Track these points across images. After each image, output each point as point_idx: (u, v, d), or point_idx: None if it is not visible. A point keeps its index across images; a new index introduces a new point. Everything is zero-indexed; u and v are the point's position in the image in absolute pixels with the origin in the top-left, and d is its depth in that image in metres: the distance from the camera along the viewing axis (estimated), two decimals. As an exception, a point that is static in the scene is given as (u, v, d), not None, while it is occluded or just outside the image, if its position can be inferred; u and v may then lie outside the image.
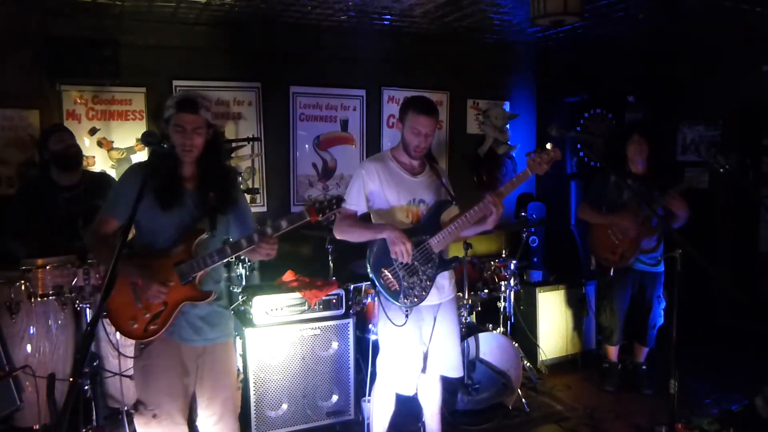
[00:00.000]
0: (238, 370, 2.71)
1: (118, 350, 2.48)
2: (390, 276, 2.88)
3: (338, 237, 3.01)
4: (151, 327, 2.35)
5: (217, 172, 2.50)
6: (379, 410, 3.18)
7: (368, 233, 2.91)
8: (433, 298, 2.98)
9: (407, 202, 2.98)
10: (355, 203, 2.97)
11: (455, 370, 3.14)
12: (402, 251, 2.79)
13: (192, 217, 2.41)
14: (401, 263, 2.85)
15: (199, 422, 2.56)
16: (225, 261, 2.44)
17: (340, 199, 2.43)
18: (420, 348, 3.03)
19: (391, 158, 3.04)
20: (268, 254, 2.42)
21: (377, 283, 2.90)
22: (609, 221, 4.12)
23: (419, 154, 2.96)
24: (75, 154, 3.69)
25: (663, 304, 4.26)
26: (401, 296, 2.88)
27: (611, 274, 4.20)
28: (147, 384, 2.42)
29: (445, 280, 3.05)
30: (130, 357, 2.46)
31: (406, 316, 2.91)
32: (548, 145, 2.87)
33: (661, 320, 4.25)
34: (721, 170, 3.75)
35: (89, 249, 2.46)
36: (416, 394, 3.25)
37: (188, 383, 2.46)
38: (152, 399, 2.40)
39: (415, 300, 2.90)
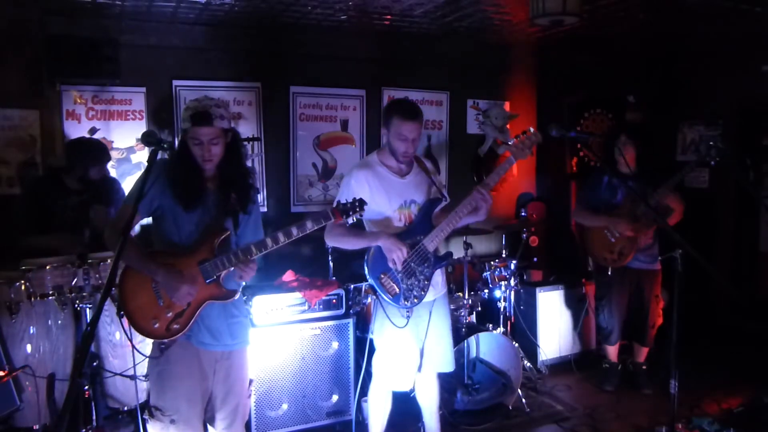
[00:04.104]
0: (251, 380, 2.70)
1: (133, 346, 2.43)
2: (389, 280, 2.89)
3: (330, 244, 3.02)
4: (174, 326, 2.33)
5: (238, 173, 2.50)
6: (377, 410, 3.18)
7: (362, 241, 2.92)
8: (428, 295, 2.99)
9: (399, 206, 2.98)
10: None
11: (448, 365, 3.14)
12: (399, 257, 2.81)
13: (212, 217, 2.42)
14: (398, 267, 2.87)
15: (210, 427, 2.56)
16: None
17: (362, 202, 2.48)
18: (416, 344, 3.04)
19: (378, 163, 3.03)
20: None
21: (378, 289, 2.90)
22: (605, 222, 4.12)
23: (408, 159, 2.97)
24: (107, 185, 3.79)
25: (661, 304, 4.26)
26: (401, 299, 2.89)
27: (609, 273, 4.20)
28: (164, 389, 2.39)
29: (438, 277, 3.06)
30: (151, 357, 2.42)
31: (407, 317, 2.93)
32: (530, 129, 2.88)
33: (659, 320, 4.25)
34: (712, 163, 3.79)
35: (108, 244, 2.39)
36: (415, 394, 3.26)
37: (206, 388, 2.46)
38: (170, 404, 2.38)
39: (416, 300, 2.91)
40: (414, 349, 3.03)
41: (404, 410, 3.44)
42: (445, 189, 3.14)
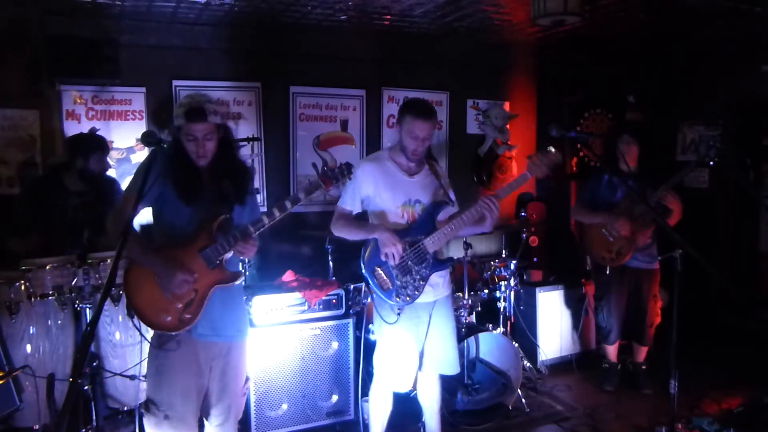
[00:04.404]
0: (247, 377, 2.71)
1: (141, 335, 2.49)
2: (383, 274, 2.91)
3: (334, 234, 3.05)
4: (186, 316, 2.35)
5: (233, 167, 2.53)
6: (377, 410, 3.18)
7: (361, 233, 2.95)
8: (427, 296, 2.98)
9: (402, 203, 2.99)
10: (350, 204, 3.01)
11: (451, 367, 3.14)
12: (392, 253, 2.81)
13: (209, 209, 2.44)
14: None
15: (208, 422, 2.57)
16: None
17: (350, 166, 2.52)
18: (415, 345, 3.04)
19: (388, 158, 3.05)
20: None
21: (370, 282, 2.92)
22: (603, 221, 4.12)
23: (417, 157, 2.98)
24: (105, 176, 3.84)
25: (659, 303, 4.27)
26: (393, 295, 2.90)
27: (607, 272, 4.20)
28: (161, 383, 2.41)
29: (440, 278, 3.05)
30: (152, 346, 2.45)
31: (398, 314, 2.94)
32: (550, 148, 2.86)
33: (658, 319, 4.25)
34: (711, 163, 3.81)
35: (110, 233, 2.42)
36: (416, 393, 3.26)
37: (202, 385, 2.47)
38: (165, 399, 2.39)
39: (408, 299, 2.91)
40: (412, 350, 3.03)
41: (404, 410, 3.44)
42: (452, 193, 3.11)
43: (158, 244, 2.45)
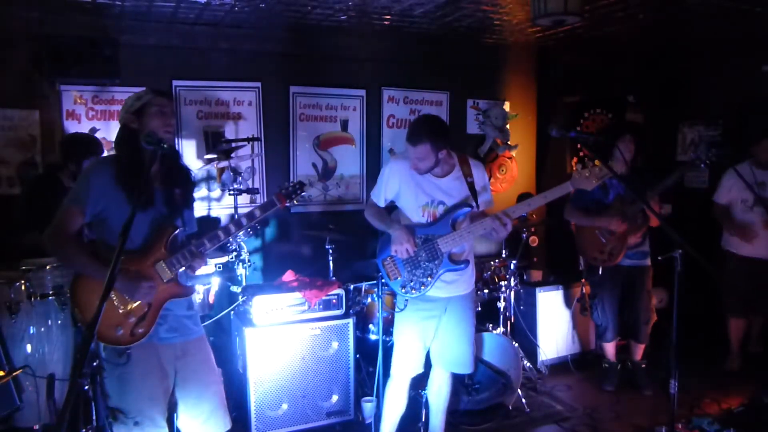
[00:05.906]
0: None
1: (101, 357, 2.46)
2: (393, 265, 3.03)
3: (365, 216, 3.20)
4: (138, 330, 2.31)
5: (179, 168, 2.51)
6: (391, 408, 3.18)
7: (382, 225, 3.09)
8: (440, 292, 3.01)
9: (424, 204, 3.03)
10: (376, 197, 3.16)
11: (462, 366, 3.15)
12: (401, 251, 2.93)
13: (161, 214, 2.38)
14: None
15: (185, 424, 2.52)
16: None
17: (302, 184, 2.62)
18: (419, 335, 3.06)
19: None
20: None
21: (381, 270, 3.06)
22: (597, 224, 4.12)
23: (420, 173, 3.00)
24: None
25: (654, 300, 4.27)
26: (400, 286, 3.02)
27: (599, 273, 4.20)
28: (126, 391, 2.37)
29: (457, 276, 3.05)
30: (108, 361, 2.38)
31: (405, 303, 3.08)
32: (595, 162, 2.83)
33: (654, 316, 4.25)
34: (702, 165, 3.82)
35: (51, 248, 2.29)
36: (416, 393, 3.25)
37: (167, 386, 2.43)
38: (133, 406, 2.35)
39: (413, 291, 2.99)
40: (414, 338, 3.06)
41: (405, 410, 3.43)
42: (483, 196, 3.08)
43: (102, 256, 2.30)
